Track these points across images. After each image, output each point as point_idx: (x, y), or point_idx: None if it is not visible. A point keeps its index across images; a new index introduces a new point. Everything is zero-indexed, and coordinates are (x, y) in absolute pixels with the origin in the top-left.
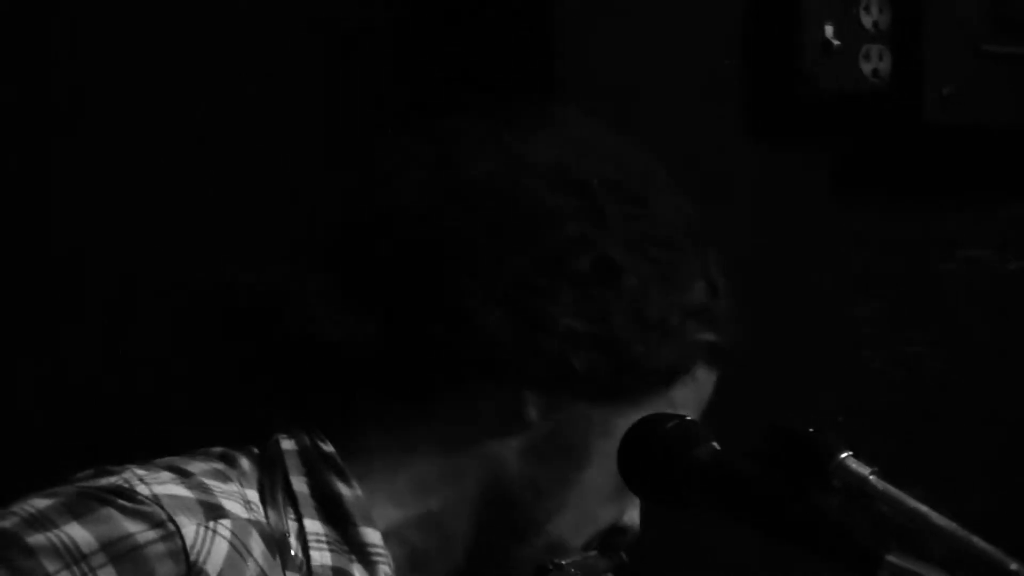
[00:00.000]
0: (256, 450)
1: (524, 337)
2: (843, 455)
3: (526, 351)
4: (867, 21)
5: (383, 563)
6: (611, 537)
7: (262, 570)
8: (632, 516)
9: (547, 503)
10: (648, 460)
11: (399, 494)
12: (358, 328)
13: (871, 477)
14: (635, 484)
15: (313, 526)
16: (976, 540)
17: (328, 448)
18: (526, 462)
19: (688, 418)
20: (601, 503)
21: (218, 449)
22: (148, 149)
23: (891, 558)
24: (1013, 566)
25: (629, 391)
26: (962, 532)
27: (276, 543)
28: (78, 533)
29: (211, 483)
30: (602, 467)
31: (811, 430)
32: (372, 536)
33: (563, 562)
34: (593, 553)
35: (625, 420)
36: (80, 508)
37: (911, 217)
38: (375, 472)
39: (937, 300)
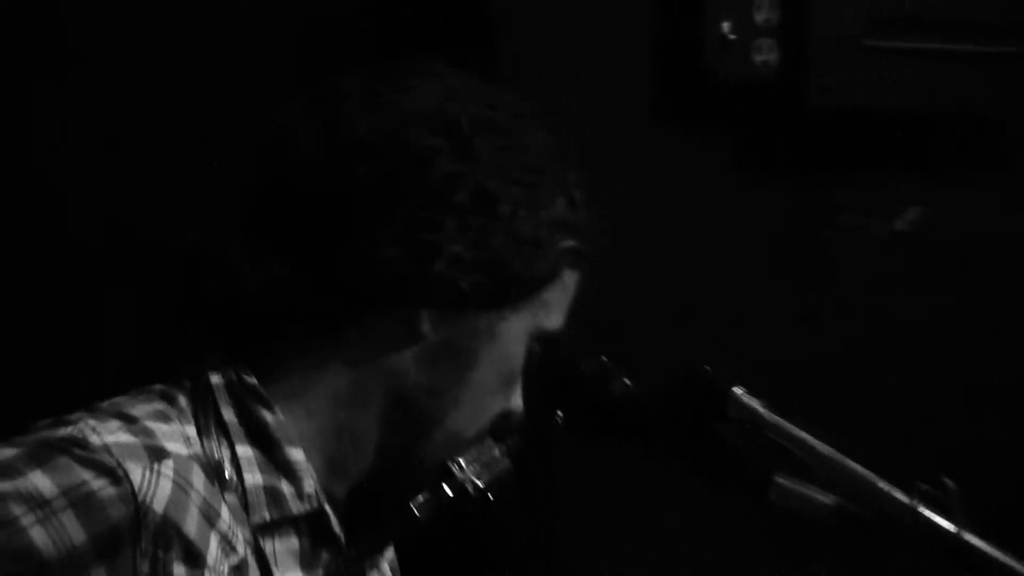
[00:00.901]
0: (189, 384)
1: (418, 266)
2: (736, 389)
3: (420, 278)
4: (759, 18)
5: (307, 477)
6: (499, 422)
7: (204, 499)
8: (516, 401)
9: (443, 401)
10: (571, 396)
11: (315, 412)
12: (272, 276)
13: (761, 409)
14: (560, 417)
15: (244, 451)
16: (852, 464)
17: (251, 380)
18: (422, 369)
19: (602, 358)
20: (490, 397)
21: (158, 387)
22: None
23: (779, 479)
24: (882, 485)
25: (509, 300)
26: (839, 457)
27: (214, 471)
28: (40, 481)
29: (153, 426)
30: (490, 366)
31: (708, 368)
32: (296, 455)
33: (463, 462)
34: (489, 443)
35: (507, 324)
36: (42, 457)
37: (799, 191)
38: (294, 396)
39: (822, 262)
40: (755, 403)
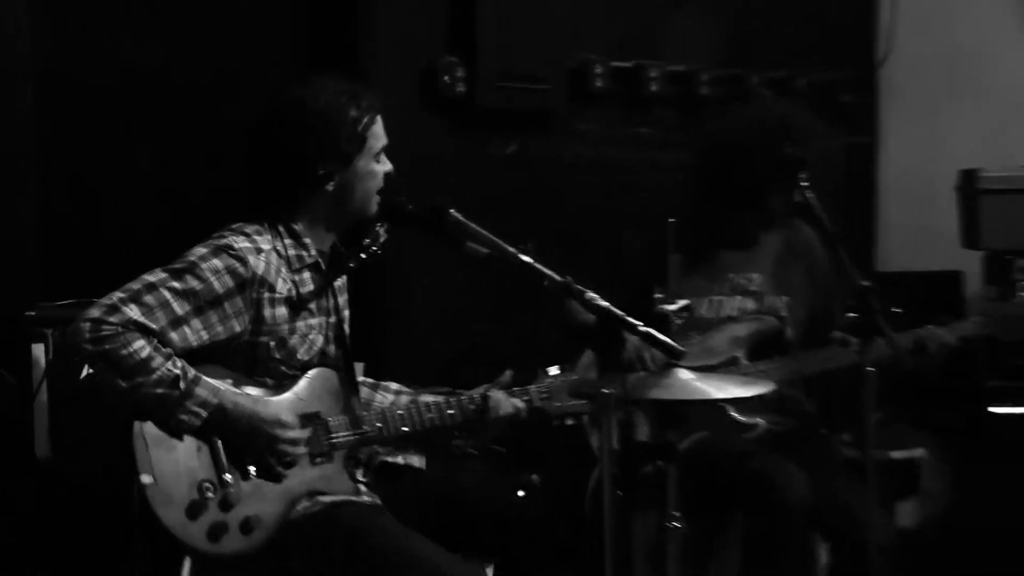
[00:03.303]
0: (267, 219)
1: (320, 162)
2: (451, 210)
3: (322, 167)
4: (458, 74)
5: (312, 248)
6: (386, 185)
7: (275, 266)
8: (384, 167)
9: (348, 199)
10: (395, 214)
11: (308, 222)
12: (278, 174)
13: (461, 218)
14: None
15: (288, 242)
16: (494, 237)
17: (287, 215)
18: (336, 193)
19: (409, 205)
20: (368, 185)
21: (253, 223)
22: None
23: (468, 244)
24: (504, 244)
25: (352, 156)
26: (491, 236)
27: (280, 254)
28: (217, 261)
29: (256, 236)
30: (361, 180)
31: (441, 203)
32: (307, 241)
33: (380, 232)
34: (378, 229)
35: (358, 163)
36: (216, 251)
37: (482, 140)
38: (301, 218)
39: (491, 168)
40: (458, 215)
